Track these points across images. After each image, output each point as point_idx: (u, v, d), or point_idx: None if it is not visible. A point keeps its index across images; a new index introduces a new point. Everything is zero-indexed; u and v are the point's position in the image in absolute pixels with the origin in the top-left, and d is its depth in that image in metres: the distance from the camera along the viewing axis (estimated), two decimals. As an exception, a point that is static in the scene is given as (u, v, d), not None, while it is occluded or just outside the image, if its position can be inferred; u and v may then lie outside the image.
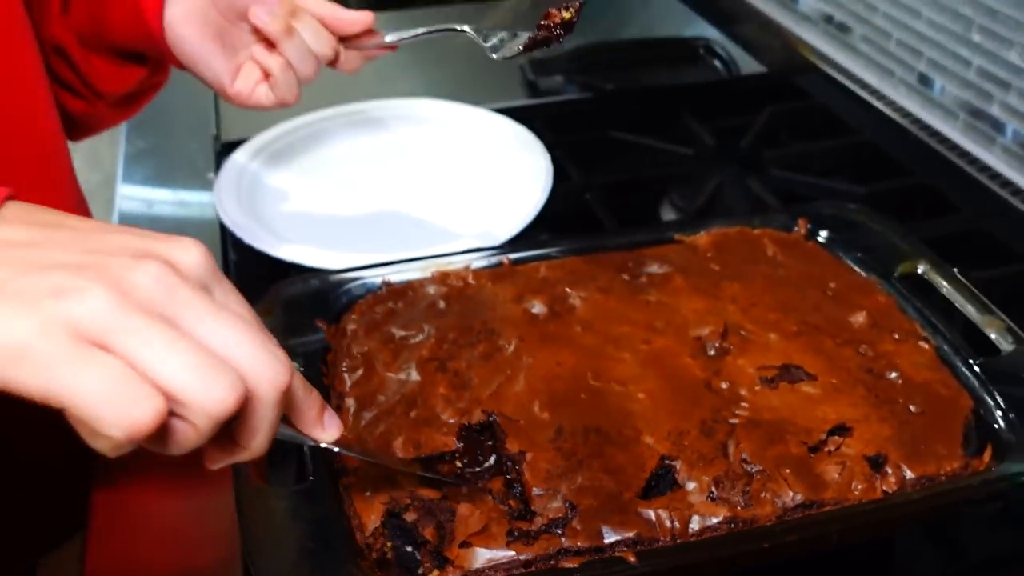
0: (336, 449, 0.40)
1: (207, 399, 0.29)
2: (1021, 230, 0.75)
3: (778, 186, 0.80)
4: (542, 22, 0.56)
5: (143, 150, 0.89)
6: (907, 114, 0.93)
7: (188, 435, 0.30)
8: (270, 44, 0.60)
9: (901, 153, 0.86)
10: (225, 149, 0.84)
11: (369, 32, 0.62)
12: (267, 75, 0.60)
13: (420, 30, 0.61)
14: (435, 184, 0.80)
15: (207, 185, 0.82)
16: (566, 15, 0.56)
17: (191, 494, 0.55)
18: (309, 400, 0.36)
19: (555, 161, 0.79)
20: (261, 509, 0.43)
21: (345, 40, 0.61)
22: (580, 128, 0.89)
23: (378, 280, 0.59)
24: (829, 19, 1.07)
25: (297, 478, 0.48)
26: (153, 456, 0.31)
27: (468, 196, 0.78)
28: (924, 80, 0.94)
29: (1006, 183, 0.82)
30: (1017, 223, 0.77)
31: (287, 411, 0.35)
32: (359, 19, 0.61)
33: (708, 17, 1.14)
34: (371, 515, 0.44)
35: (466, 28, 0.59)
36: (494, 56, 0.58)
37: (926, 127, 0.90)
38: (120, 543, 0.53)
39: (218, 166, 0.82)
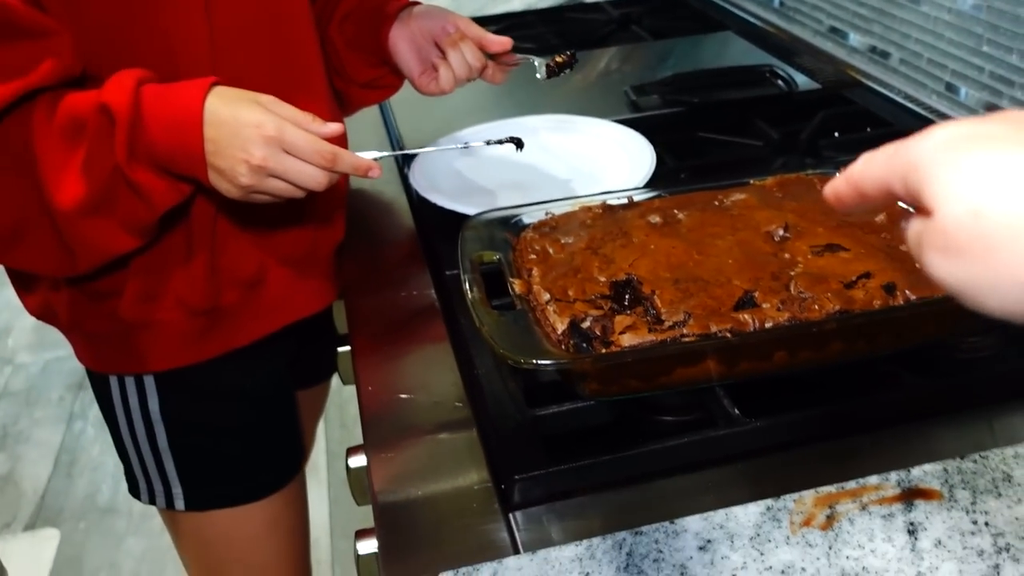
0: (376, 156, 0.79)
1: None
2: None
3: (830, 164, 1.04)
4: (548, 63, 0.97)
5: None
6: (937, 112, 1.17)
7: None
8: (443, 56, 0.95)
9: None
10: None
11: (508, 53, 0.96)
12: (437, 73, 0.95)
13: (520, 57, 0.98)
14: (571, 168, 1.07)
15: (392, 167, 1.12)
16: (559, 59, 0.97)
17: (414, 354, 0.81)
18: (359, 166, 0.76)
19: (657, 155, 1.06)
20: (489, 317, 0.69)
21: (492, 57, 0.95)
22: (675, 131, 1.15)
23: (542, 213, 0.86)
24: (873, 48, 1.33)
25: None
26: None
27: (595, 175, 1.05)
28: (950, 88, 1.18)
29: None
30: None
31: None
32: (501, 41, 0.95)
33: (772, 52, 1.41)
34: (560, 324, 0.69)
35: (535, 60, 0.97)
36: (538, 77, 0.98)
37: (950, 119, 1.14)
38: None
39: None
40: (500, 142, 0.90)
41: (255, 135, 0.71)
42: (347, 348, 1.01)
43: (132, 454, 0.94)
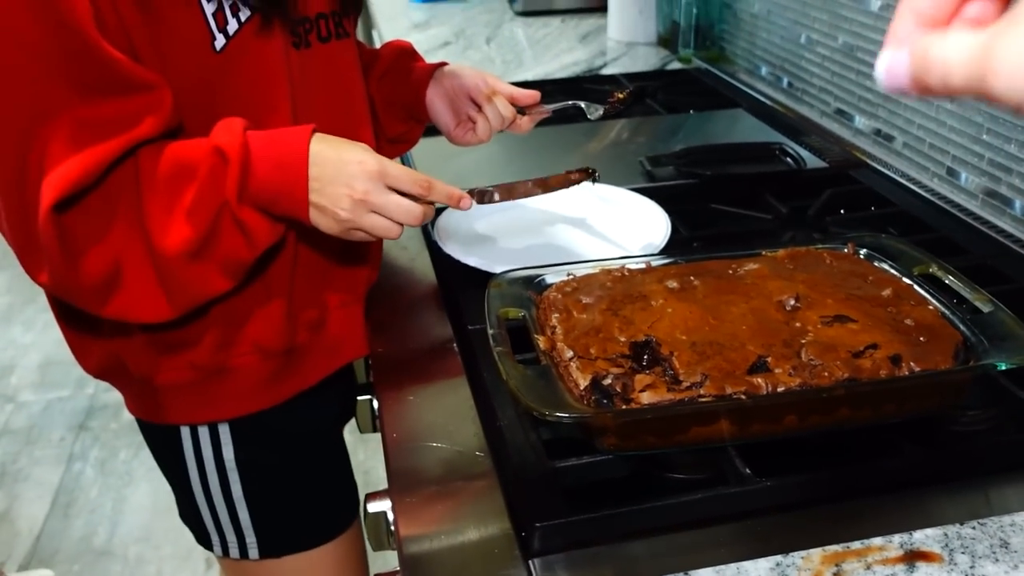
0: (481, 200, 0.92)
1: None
2: (1015, 265, 1.03)
3: (836, 239, 1.09)
4: (608, 99, 1.10)
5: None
6: (937, 194, 1.22)
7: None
8: (479, 107, 1.01)
9: (930, 218, 1.15)
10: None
11: (536, 104, 1.03)
12: (474, 125, 1.02)
13: (558, 105, 1.06)
14: (589, 232, 1.12)
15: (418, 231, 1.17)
16: (620, 96, 1.12)
17: (437, 404, 0.84)
18: (452, 195, 0.85)
19: (671, 224, 1.10)
20: (516, 371, 0.72)
21: (521, 109, 1.03)
22: (689, 202, 1.20)
23: (564, 274, 0.90)
24: (878, 131, 1.39)
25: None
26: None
27: (612, 239, 1.10)
28: (951, 172, 1.23)
29: (1013, 238, 1.10)
30: (1016, 261, 1.04)
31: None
32: (530, 95, 1.03)
33: (781, 130, 1.47)
34: (582, 380, 0.73)
35: (581, 103, 1.07)
36: (590, 117, 1.10)
37: (950, 201, 1.19)
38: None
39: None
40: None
41: (358, 171, 0.76)
42: (366, 397, 1.05)
43: (203, 506, 0.94)
